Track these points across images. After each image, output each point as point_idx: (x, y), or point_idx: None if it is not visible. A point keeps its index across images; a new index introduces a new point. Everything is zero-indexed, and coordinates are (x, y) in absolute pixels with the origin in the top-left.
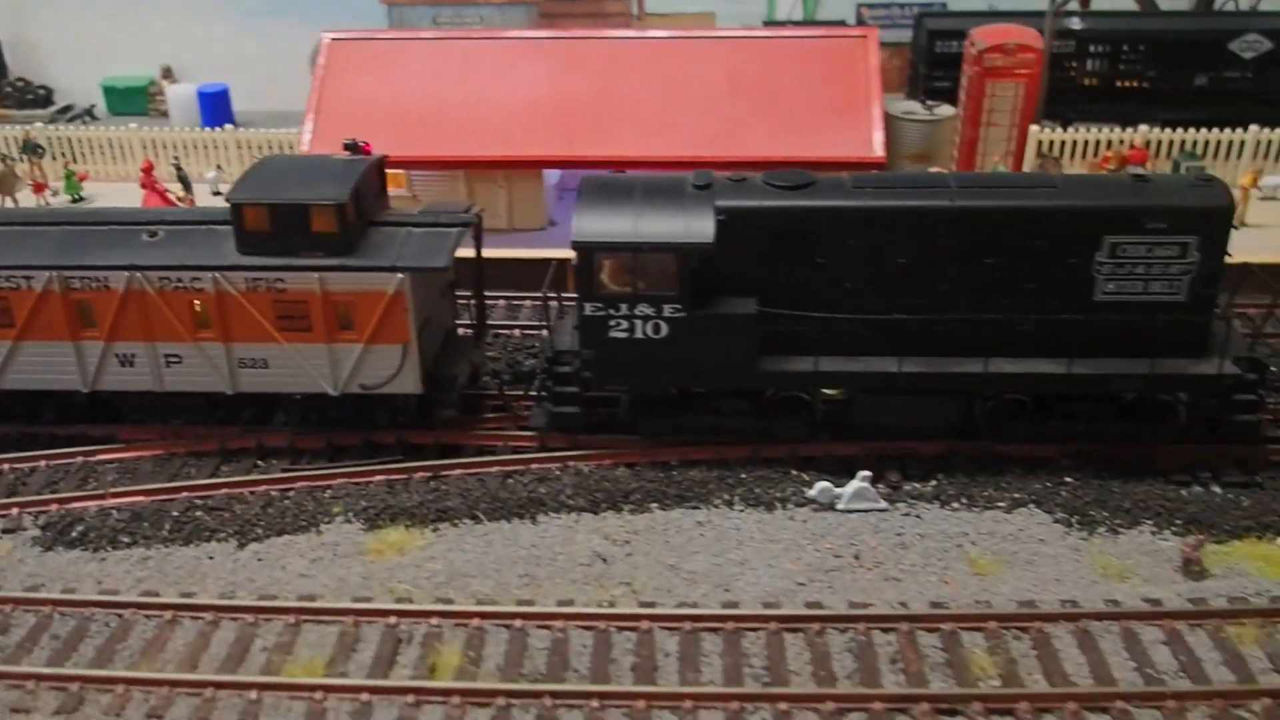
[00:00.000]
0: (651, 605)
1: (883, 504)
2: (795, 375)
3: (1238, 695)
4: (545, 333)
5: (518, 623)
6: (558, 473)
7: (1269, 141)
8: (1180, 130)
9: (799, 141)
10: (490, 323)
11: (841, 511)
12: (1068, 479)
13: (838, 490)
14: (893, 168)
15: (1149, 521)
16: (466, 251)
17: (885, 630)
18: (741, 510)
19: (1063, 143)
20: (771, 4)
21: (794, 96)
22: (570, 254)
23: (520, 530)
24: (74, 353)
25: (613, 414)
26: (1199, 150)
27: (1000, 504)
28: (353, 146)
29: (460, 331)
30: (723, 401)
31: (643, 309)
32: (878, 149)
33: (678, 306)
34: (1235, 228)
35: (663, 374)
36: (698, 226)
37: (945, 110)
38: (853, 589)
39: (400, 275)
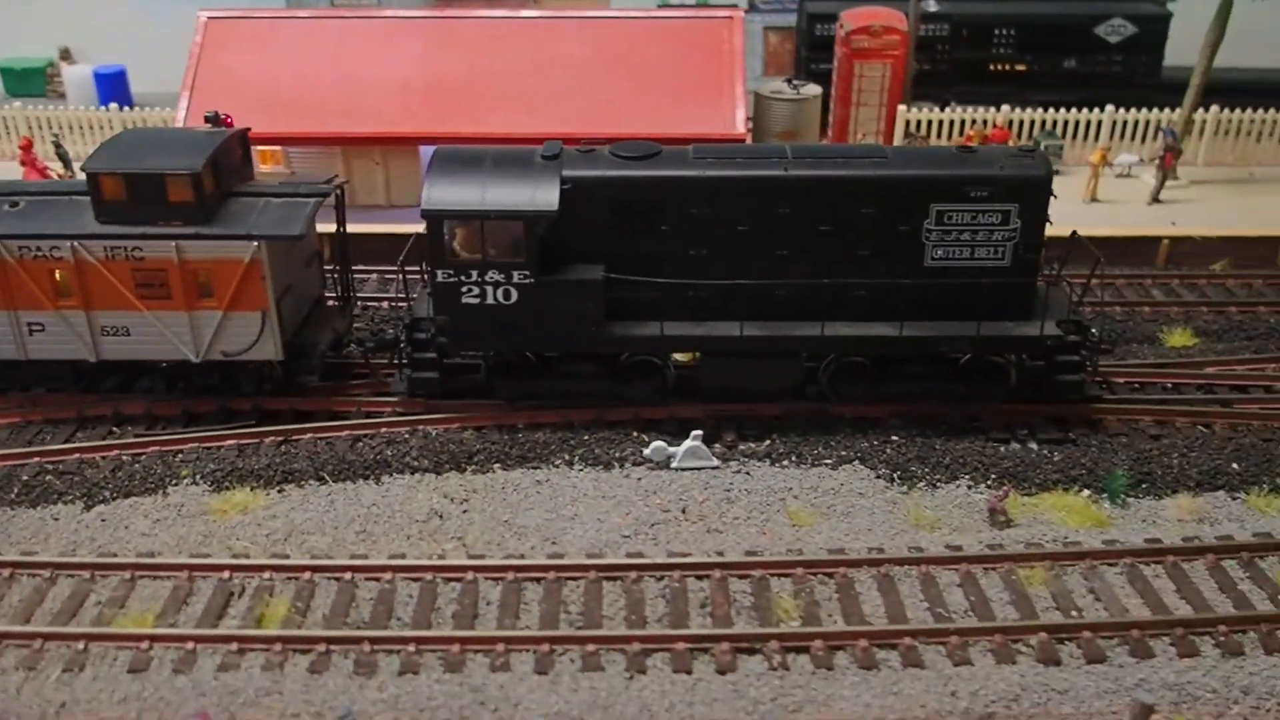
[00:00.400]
0: (480, 557)
1: (715, 462)
2: (642, 339)
3: (1016, 630)
4: (405, 303)
5: (347, 575)
6: (406, 436)
7: (1124, 122)
8: (1040, 110)
9: (665, 119)
10: (361, 295)
11: (676, 470)
12: (894, 438)
13: (672, 449)
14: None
15: (966, 476)
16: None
17: (699, 578)
18: (580, 469)
19: (929, 122)
20: None
21: (662, 75)
22: None
23: (364, 490)
24: None
25: (472, 379)
26: (1058, 130)
27: (827, 461)
28: (213, 119)
29: (331, 303)
30: (577, 365)
31: (493, 275)
32: (740, 126)
33: (526, 273)
34: (1054, 197)
35: (514, 339)
36: (543, 195)
37: (811, 90)
38: (675, 540)
39: (255, 244)
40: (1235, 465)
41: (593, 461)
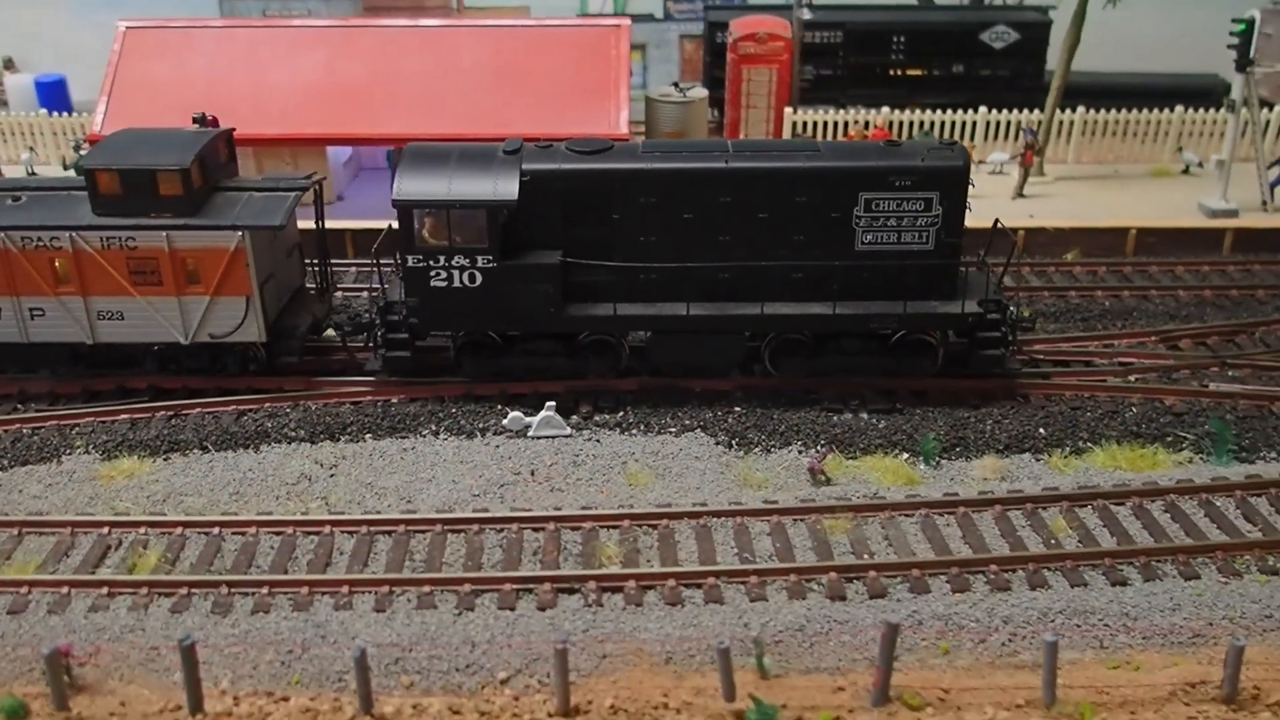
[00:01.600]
0: (340, 514)
1: (568, 430)
2: (597, 319)
3: (809, 570)
4: (380, 289)
5: (215, 530)
6: (288, 410)
7: (995, 122)
8: (918, 112)
9: (554, 120)
10: (341, 286)
11: (532, 438)
12: (737, 408)
13: (528, 419)
14: None
15: (798, 442)
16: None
17: (535, 530)
18: (445, 438)
19: (814, 123)
20: None
21: (551, 80)
22: None
23: (242, 458)
24: None
25: (442, 358)
26: (935, 130)
27: (672, 430)
28: (200, 120)
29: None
30: (538, 344)
31: (459, 260)
32: (623, 127)
33: (489, 258)
34: (973, 186)
35: (479, 319)
36: (504, 186)
37: (697, 93)
38: (521, 499)
39: (240, 233)
40: (1042, 430)
41: (457, 431)
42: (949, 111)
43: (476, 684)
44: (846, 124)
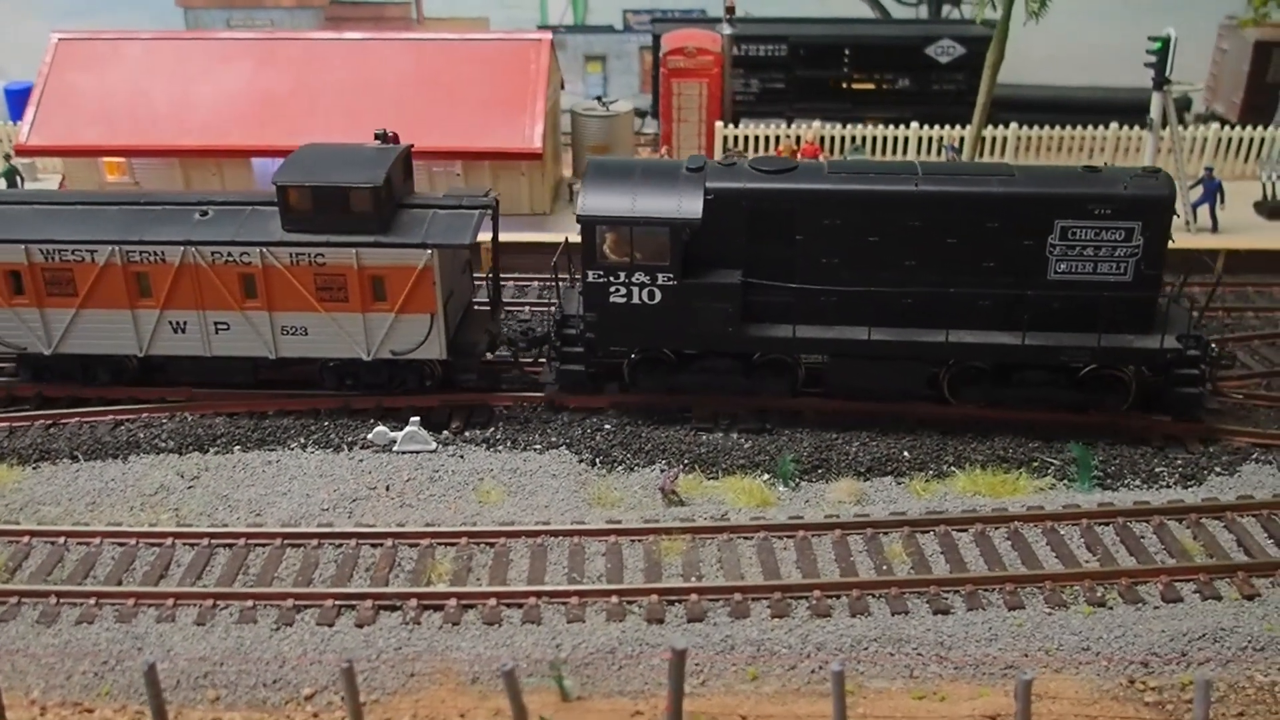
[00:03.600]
0: (188, 526)
1: (433, 445)
2: (775, 340)
3: (631, 593)
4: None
5: (61, 540)
6: (164, 420)
7: (928, 138)
8: (849, 126)
9: (470, 133)
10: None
11: (397, 452)
12: (608, 426)
13: (393, 434)
14: (579, 159)
15: (663, 460)
16: None
17: (374, 546)
18: (312, 452)
19: (746, 137)
20: (544, 8)
21: (471, 94)
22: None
23: (109, 468)
24: (131, 320)
25: (618, 373)
26: (867, 145)
27: (537, 446)
28: (382, 136)
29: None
30: (714, 363)
31: (639, 277)
32: (536, 141)
33: (670, 275)
34: (1177, 216)
35: (657, 336)
36: (688, 205)
37: (621, 106)
38: (369, 514)
39: (429, 251)
40: (907, 454)
41: (325, 445)
42: (881, 126)
43: (281, 699)
44: (778, 138)
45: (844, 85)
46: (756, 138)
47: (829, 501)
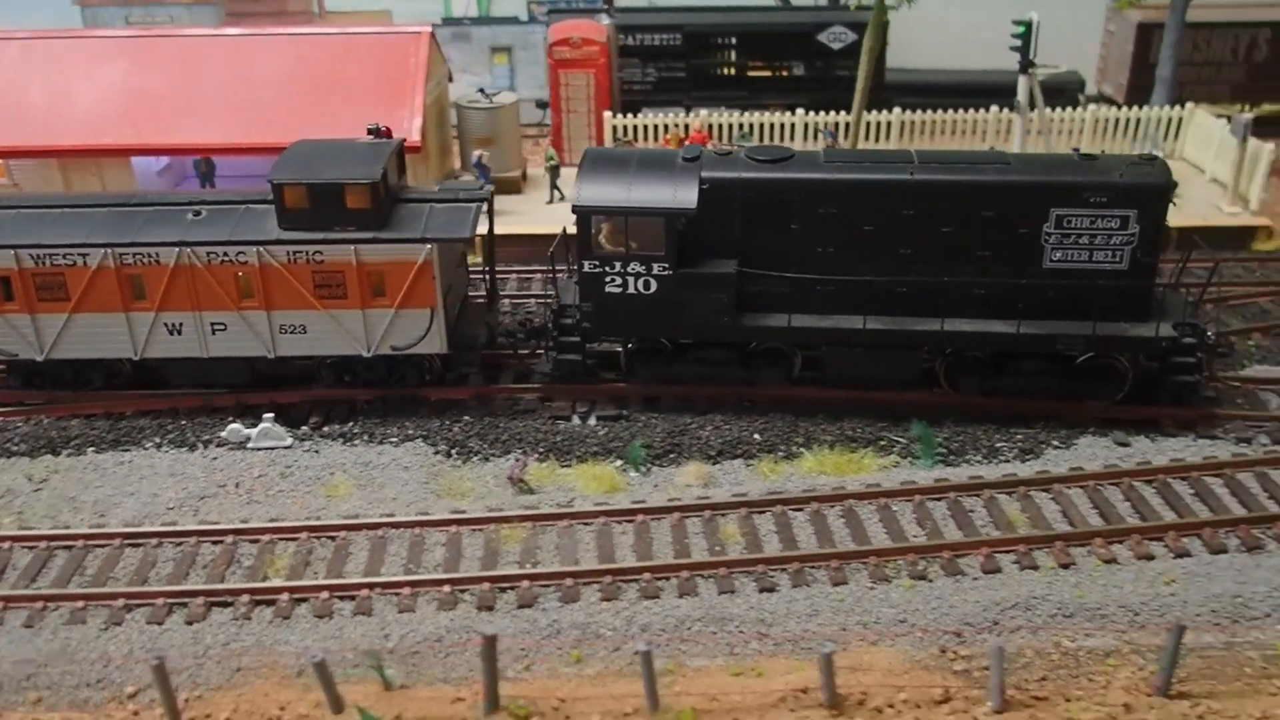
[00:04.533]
0: (30, 529)
1: (288, 441)
2: (771, 330)
3: (465, 581)
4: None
5: None
6: (19, 424)
7: (815, 124)
8: (738, 113)
9: (350, 128)
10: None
11: (252, 449)
12: (466, 417)
13: (247, 431)
14: (465, 151)
15: (519, 450)
16: None
17: (214, 543)
18: (166, 451)
19: (635, 127)
20: (447, 1)
21: (350, 87)
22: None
23: None
24: (125, 323)
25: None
26: (754, 132)
27: (394, 439)
28: (375, 131)
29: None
30: (709, 352)
31: (634, 267)
32: (415, 134)
33: (665, 265)
34: (1174, 204)
35: (652, 326)
36: (683, 195)
37: (505, 98)
38: (215, 512)
39: (429, 245)
40: (758, 436)
41: (180, 444)
42: (761, 113)
43: (104, 698)
44: (669, 126)
45: (741, 73)
46: (645, 127)
47: (676, 485)
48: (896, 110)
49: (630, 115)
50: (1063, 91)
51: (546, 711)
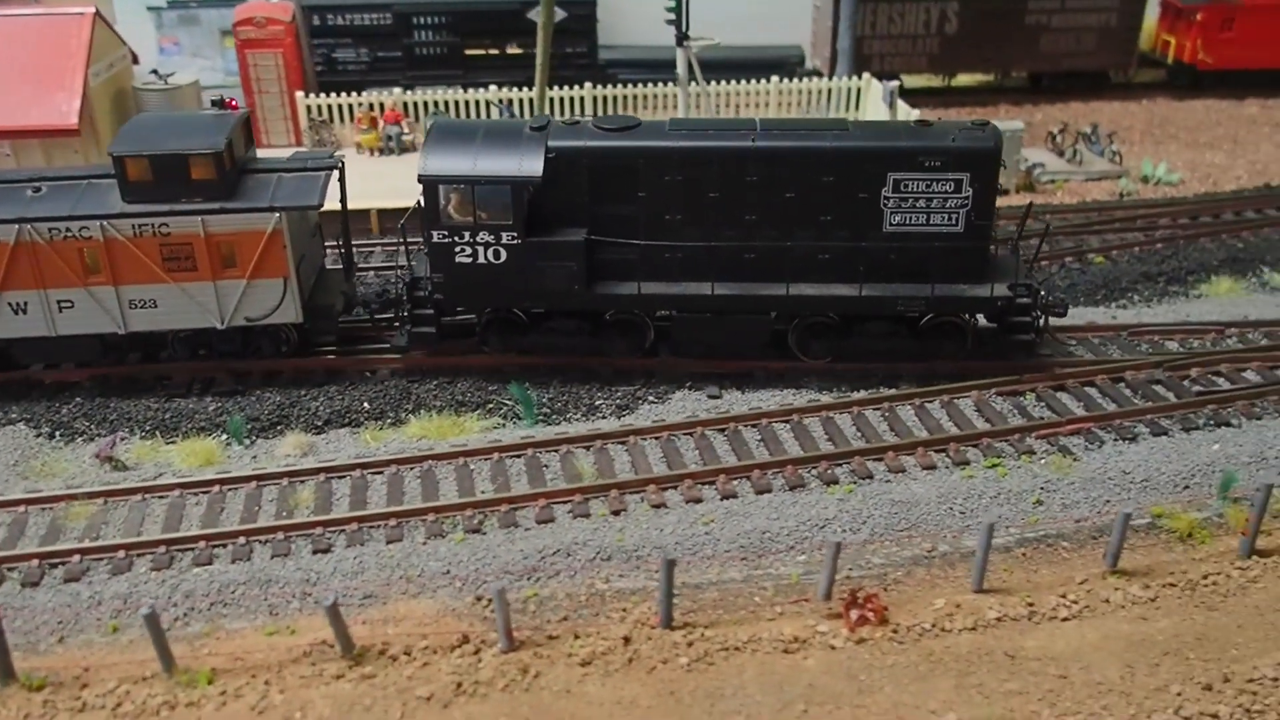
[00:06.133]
0: None
1: None
2: (621, 298)
3: (12, 560)
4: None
5: None
6: None
7: (489, 100)
8: (431, 91)
9: (8, 113)
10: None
11: None
12: (79, 398)
13: None
14: None
15: (125, 429)
16: None
17: None
18: None
19: (330, 107)
20: None
21: (11, 71)
22: None
23: None
24: None
25: (470, 333)
26: (449, 109)
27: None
28: (219, 103)
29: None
30: (563, 322)
31: (484, 237)
32: (73, 117)
33: (514, 234)
34: (1004, 167)
35: (504, 296)
36: (529, 164)
37: (180, 79)
38: None
39: (277, 214)
40: (367, 404)
41: None
42: (455, 90)
43: None
44: (370, 106)
45: (457, 52)
46: (337, 107)
47: (277, 456)
48: (588, 85)
49: (328, 96)
50: (783, 64)
51: (67, 681)
